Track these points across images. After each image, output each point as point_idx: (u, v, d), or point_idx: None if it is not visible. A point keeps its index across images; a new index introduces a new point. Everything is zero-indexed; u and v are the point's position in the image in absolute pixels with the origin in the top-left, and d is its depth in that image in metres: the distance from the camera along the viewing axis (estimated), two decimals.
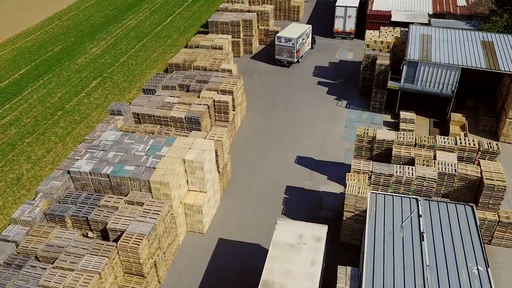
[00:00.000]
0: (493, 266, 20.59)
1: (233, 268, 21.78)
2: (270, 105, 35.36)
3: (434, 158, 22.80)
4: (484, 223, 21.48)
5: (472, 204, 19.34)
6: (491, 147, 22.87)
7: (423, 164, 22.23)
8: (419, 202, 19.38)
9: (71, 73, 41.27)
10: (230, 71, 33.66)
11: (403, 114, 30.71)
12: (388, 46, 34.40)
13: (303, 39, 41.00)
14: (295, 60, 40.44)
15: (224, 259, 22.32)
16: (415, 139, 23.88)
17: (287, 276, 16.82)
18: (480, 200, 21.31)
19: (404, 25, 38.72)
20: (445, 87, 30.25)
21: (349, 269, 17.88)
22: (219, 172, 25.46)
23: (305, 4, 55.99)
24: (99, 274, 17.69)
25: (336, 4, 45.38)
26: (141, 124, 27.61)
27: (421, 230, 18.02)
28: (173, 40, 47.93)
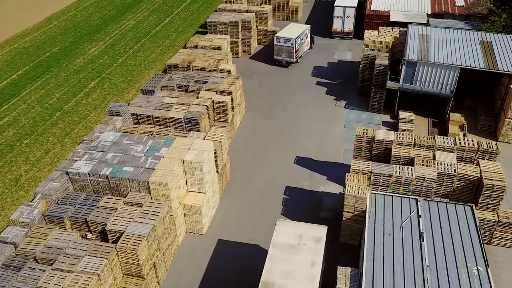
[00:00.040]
0: (493, 266, 20.59)
1: (233, 269, 21.74)
2: (269, 105, 35.33)
3: (434, 158, 22.80)
4: (484, 223, 21.48)
5: (472, 204, 19.34)
6: (490, 147, 22.88)
7: (423, 164, 22.23)
8: (419, 203, 19.39)
9: (70, 74, 41.18)
10: (229, 72, 33.62)
11: (402, 114, 30.71)
12: (387, 46, 34.39)
13: (302, 39, 41.00)
14: (294, 60, 40.42)
15: (224, 260, 22.28)
16: (414, 139, 23.88)
17: (287, 277, 16.80)
18: (480, 200, 21.31)
19: (403, 25, 38.73)
20: (444, 87, 30.26)
21: (349, 270, 17.86)
22: (218, 173, 25.42)
23: (304, 4, 56.02)
24: (98, 276, 17.64)
25: (335, 4, 45.37)
26: (140, 125, 27.57)
27: (421, 231, 18.02)
28: (172, 41, 47.87)
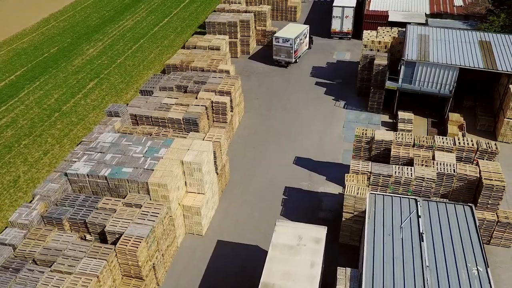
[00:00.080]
0: (492, 266, 20.58)
1: (232, 270, 21.69)
2: (268, 106, 35.29)
3: (433, 159, 22.80)
4: (483, 223, 21.48)
5: (471, 204, 19.33)
6: (490, 147, 22.88)
7: (422, 165, 22.22)
8: (418, 203, 19.37)
9: (68, 75, 41.07)
10: (228, 72, 33.57)
11: (401, 114, 30.70)
12: (386, 46, 34.37)
13: (301, 39, 40.98)
14: (293, 60, 40.40)
15: (223, 261, 22.23)
16: (414, 140, 23.86)
17: (287, 278, 16.76)
18: (479, 200, 21.32)
19: (401, 25, 38.78)
20: (443, 87, 30.26)
21: (349, 271, 17.83)
22: (218, 174, 25.37)
23: (302, 5, 56.00)
24: (97, 277, 17.57)
25: (333, 4, 45.38)
26: (139, 126, 27.51)
27: (421, 231, 18.00)
28: (170, 41, 47.79)
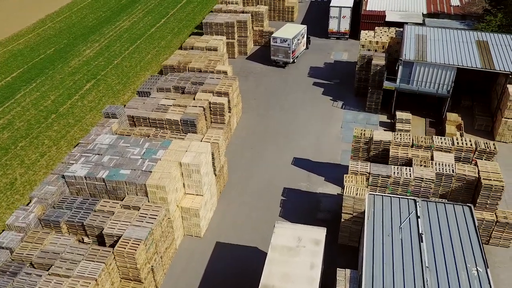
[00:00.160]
0: (492, 266, 20.58)
1: (231, 272, 21.60)
2: (266, 106, 35.22)
3: (432, 159, 22.78)
4: (482, 223, 21.48)
5: (470, 205, 19.34)
6: (488, 147, 22.88)
7: (421, 165, 22.19)
8: (417, 203, 19.35)
9: (64, 76, 40.87)
10: (225, 73, 33.48)
11: (399, 114, 30.68)
12: (383, 46, 34.38)
13: (298, 40, 40.93)
14: (291, 61, 40.35)
15: (222, 263, 22.14)
16: (412, 140, 23.84)
17: (286, 280, 16.69)
18: (478, 201, 21.31)
19: (399, 25, 38.78)
20: (441, 87, 30.27)
21: (348, 272, 17.78)
22: (216, 175, 25.28)
23: (299, 5, 55.94)
24: (96, 281, 17.45)
25: (330, 5, 45.35)
26: (136, 127, 27.38)
27: (420, 231, 17.98)
28: (167, 42, 47.65)
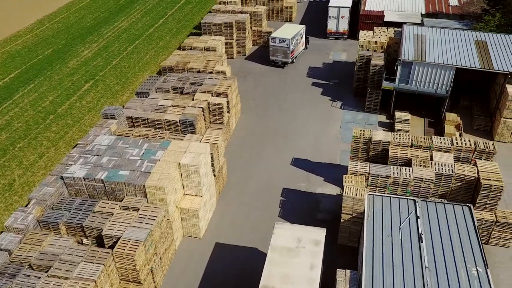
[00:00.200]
0: (491, 266, 20.56)
1: (231, 273, 21.56)
2: (264, 106, 35.17)
3: (431, 159, 22.76)
4: (482, 223, 21.48)
5: (470, 205, 19.33)
6: (487, 147, 22.88)
7: (420, 165, 22.17)
8: (417, 203, 19.33)
9: (63, 76, 40.77)
10: (224, 73, 33.43)
11: (398, 115, 30.68)
12: (382, 47, 34.37)
13: (297, 40, 40.91)
14: (290, 61, 40.33)
15: (221, 264, 22.09)
16: (412, 140, 23.83)
17: (286, 281, 16.65)
18: (478, 201, 21.30)
19: (397, 25, 38.77)
20: (440, 87, 30.27)
21: (348, 272, 17.75)
22: (215, 176, 25.23)
23: (298, 5, 55.91)
24: (95, 282, 17.39)
25: (329, 5, 45.33)
26: (135, 128, 27.33)
27: (419, 232, 17.96)
28: (166, 42, 47.57)
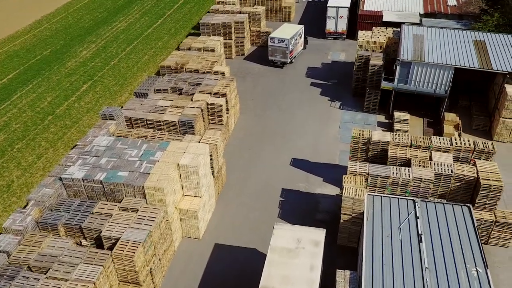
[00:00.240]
0: (491, 266, 20.52)
1: (230, 274, 21.52)
2: (263, 107, 35.13)
3: (430, 159, 22.76)
4: (481, 223, 21.48)
5: (469, 205, 19.33)
6: (487, 147, 22.88)
7: (419, 165, 22.16)
8: (416, 204, 19.32)
9: (61, 77, 40.66)
10: (223, 73, 33.38)
11: (397, 115, 30.65)
12: (381, 47, 34.35)
13: (296, 40, 40.90)
14: (289, 61, 40.31)
15: (221, 265, 22.05)
16: (411, 140, 23.83)
17: (286, 282, 16.61)
18: (477, 201, 21.30)
19: (396, 25, 38.79)
20: (439, 87, 30.28)
21: (348, 273, 17.72)
22: (214, 176, 25.19)
23: (296, 5, 55.92)
24: (94, 284, 17.32)
25: (328, 5, 45.31)
26: (134, 129, 27.26)
27: (419, 232, 17.95)
28: (164, 42, 47.50)
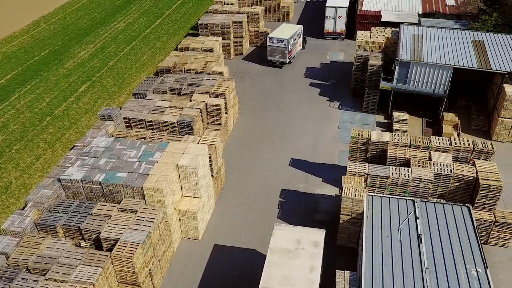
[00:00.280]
0: (490, 266, 20.51)
1: (229, 274, 21.47)
2: (262, 107, 35.10)
3: (429, 159, 22.75)
4: (481, 223, 21.48)
5: (469, 205, 19.34)
6: (486, 147, 22.89)
7: (419, 165, 22.15)
8: (416, 204, 19.32)
9: (59, 78, 40.55)
10: (222, 74, 33.33)
11: (396, 115, 30.65)
12: (380, 47, 34.34)
13: (295, 40, 40.87)
14: (288, 61, 40.28)
15: (220, 265, 22.00)
16: (410, 140, 23.81)
17: (286, 283, 16.57)
18: (476, 201, 21.30)
19: (394, 25, 38.79)
20: (438, 87, 30.29)
21: (348, 273, 17.70)
22: (213, 177, 25.14)
23: (295, 5, 55.87)
24: (93, 285, 17.25)
25: (326, 5, 45.30)
26: (133, 129, 27.20)
27: (419, 232, 17.94)
28: (163, 43, 47.42)
